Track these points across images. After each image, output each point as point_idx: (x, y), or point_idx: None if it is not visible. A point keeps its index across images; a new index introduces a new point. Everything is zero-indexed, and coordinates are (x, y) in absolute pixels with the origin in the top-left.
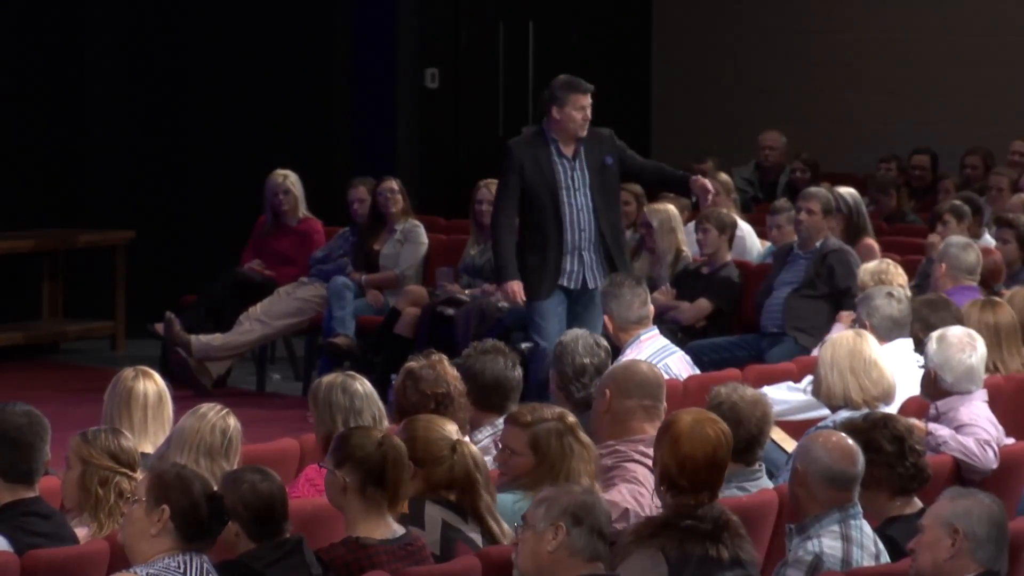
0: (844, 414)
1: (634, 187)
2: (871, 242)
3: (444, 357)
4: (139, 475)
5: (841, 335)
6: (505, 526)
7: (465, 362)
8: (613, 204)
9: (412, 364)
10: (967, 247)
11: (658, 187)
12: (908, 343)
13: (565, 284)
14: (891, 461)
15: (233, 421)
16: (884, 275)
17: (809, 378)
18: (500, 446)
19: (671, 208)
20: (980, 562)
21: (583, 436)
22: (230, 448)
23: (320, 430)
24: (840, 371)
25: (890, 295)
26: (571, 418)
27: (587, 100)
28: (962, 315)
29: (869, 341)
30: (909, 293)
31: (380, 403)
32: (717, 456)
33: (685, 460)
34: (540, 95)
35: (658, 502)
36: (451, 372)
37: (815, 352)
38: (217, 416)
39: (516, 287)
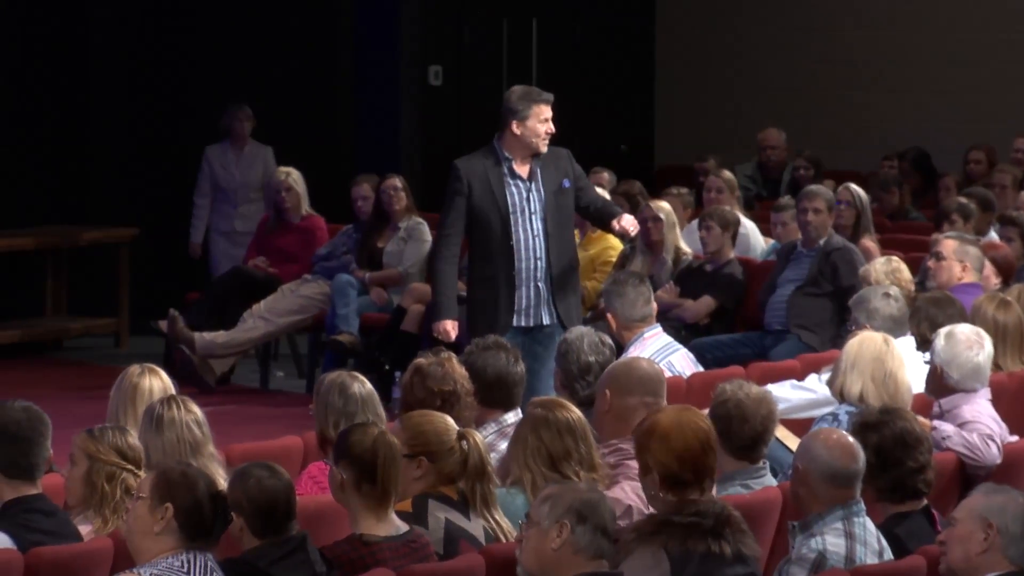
0: (848, 408)
1: (634, 184)
2: (869, 244)
3: (453, 355)
4: (143, 473)
5: (870, 337)
6: (505, 520)
7: (467, 359)
8: (565, 231)
9: (421, 361)
10: (979, 244)
11: (597, 224)
12: (909, 341)
13: (519, 323)
14: (899, 460)
15: (169, 384)
16: (897, 273)
17: (814, 376)
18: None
19: (667, 206)
20: (1011, 559)
21: (561, 429)
22: (204, 426)
23: (317, 427)
24: (860, 373)
25: (887, 295)
26: (553, 413)
27: (550, 111)
28: (967, 313)
29: (894, 352)
30: (912, 290)
31: (379, 405)
32: (710, 441)
33: (683, 453)
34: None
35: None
36: (459, 370)
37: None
38: (177, 410)
39: (449, 326)
